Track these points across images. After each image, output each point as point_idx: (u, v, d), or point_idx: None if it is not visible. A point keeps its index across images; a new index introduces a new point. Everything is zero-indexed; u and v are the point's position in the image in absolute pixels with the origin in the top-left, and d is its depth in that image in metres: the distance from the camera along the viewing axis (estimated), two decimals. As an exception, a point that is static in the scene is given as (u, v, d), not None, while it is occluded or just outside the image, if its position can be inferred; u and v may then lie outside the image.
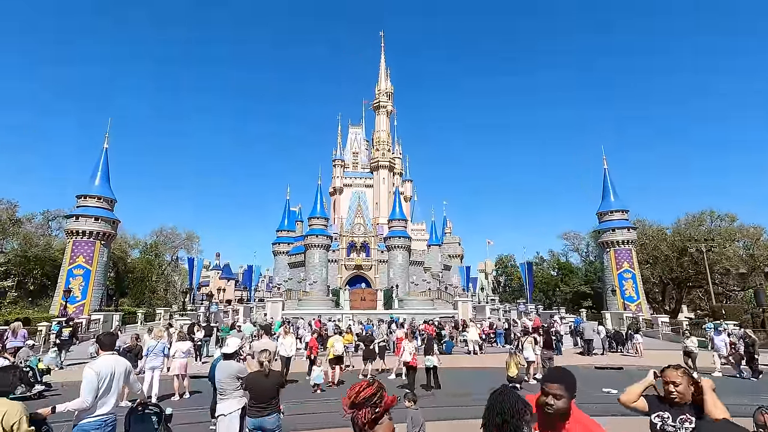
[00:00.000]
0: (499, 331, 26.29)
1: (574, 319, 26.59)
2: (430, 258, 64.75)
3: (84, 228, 34.34)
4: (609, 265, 43.32)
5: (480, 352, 21.51)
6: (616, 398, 3.73)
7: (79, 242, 34.20)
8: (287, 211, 70.62)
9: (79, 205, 35.64)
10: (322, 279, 55.23)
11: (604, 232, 44.38)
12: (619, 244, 42.77)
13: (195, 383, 12.56)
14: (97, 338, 5.27)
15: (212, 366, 8.57)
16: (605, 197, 45.36)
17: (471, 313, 38.71)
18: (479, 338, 21.99)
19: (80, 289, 32.82)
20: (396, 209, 59.44)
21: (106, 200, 36.44)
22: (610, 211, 44.49)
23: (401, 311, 38.84)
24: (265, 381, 5.45)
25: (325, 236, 57.44)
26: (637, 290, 40.99)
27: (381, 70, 77.19)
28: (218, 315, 34.35)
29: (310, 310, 38.95)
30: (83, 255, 33.84)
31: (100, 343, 4.95)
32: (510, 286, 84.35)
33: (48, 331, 20.94)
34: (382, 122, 73.95)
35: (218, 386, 5.88)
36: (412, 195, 77.95)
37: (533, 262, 63.94)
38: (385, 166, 71.34)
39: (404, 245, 57.08)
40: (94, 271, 34.07)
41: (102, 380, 4.46)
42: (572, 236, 72.54)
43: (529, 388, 13.01)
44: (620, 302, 38.97)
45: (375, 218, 66.39)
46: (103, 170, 36.57)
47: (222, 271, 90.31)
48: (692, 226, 46.95)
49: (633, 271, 41.68)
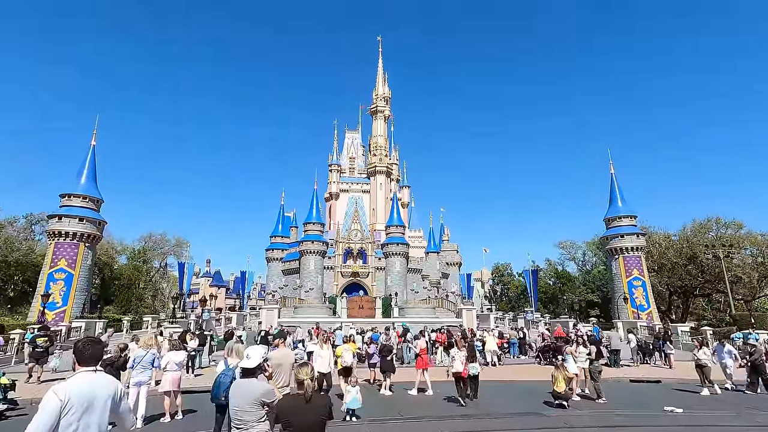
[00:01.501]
0: (513, 340, 24.63)
1: (592, 328, 25.07)
2: (428, 265, 63.14)
3: (67, 229, 32.10)
4: (618, 272, 41.92)
5: (498, 363, 19.84)
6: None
7: (62, 244, 31.95)
8: (281, 216, 68.60)
9: (63, 204, 33.42)
10: (317, 286, 53.27)
11: (612, 238, 43.05)
12: (627, 250, 41.47)
13: (187, 400, 10.75)
14: (74, 346, 3.27)
15: (217, 384, 6.79)
16: (612, 202, 44.14)
17: (475, 321, 37.10)
18: (497, 348, 20.28)
19: (61, 295, 30.53)
20: (394, 215, 57.93)
21: (92, 200, 34.26)
22: (618, 217, 43.25)
23: (402, 320, 37.05)
24: (306, 409, 3.75)
25: (321, 242, 55.58)
26: (648, 298, 39.64)
27: (379, 75, 76.51)
28: (210, 323, 32.24)
29: (306, 318, 37.08)
30: (66, 258, 31.60)
31: (77, 353, 3.11)
32: (507, 295, 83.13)
33: (21, 340, 18.82)
34: (379, 127, 72.83)
35: (233, 415, 4.16)
36: (410, 201, 76.65)
37: (531, 270, 62.78)
38: (382, 171, 70.01)
39: (402, 252, 55.49)
40: (77, 275, 31.81)
41: (69, 412, 2.75)
42: (569, 245, 71.68)
43: (575, 405, 11.40)
44: (630, 311, 37.58)
45: (372, 224, 64.71)
46: (89, 168, 34.44)
47: (212, 278, 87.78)
48: (699, 233, 45.91)
49: (643, 278, 40.35)
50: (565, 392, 10.72)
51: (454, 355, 11.50)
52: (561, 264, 72.48)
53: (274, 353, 7.54)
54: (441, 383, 15.50)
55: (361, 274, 57.02)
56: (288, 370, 6.96)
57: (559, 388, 10.65)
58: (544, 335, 21.68)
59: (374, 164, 69.90)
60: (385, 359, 13.33)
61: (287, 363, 7.12)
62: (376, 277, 56.48)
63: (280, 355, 7.47)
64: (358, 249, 57.80)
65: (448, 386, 14.63)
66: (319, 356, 11.33)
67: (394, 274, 54.75)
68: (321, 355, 11.31)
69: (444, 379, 16.08)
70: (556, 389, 10.69)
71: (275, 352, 7.68)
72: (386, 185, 70.61)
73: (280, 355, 7.38)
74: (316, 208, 58.96)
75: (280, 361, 7.08)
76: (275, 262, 63.57)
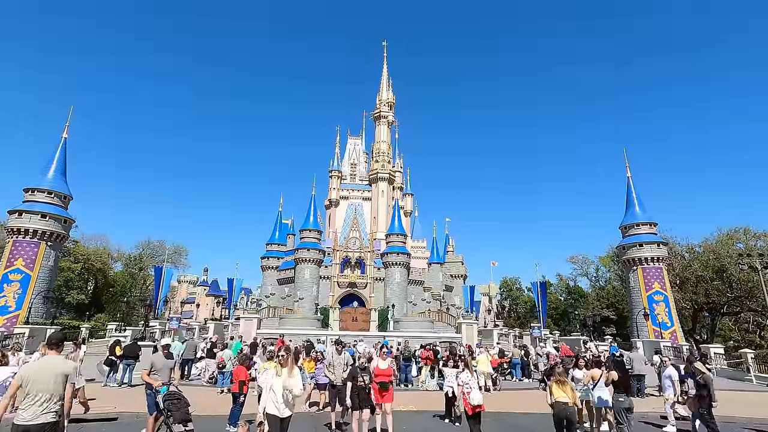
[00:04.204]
0: (515, 360, 20.97)
1: (609, 348, 21.31)
2: (431, 277, 59.59)
3: (27, 226, 29.39)
4: (636, 285, 37.70)
5: (494, 387, 16.25)
6: None
7: (21, 242, 29.24)
8: (279, 223, 65.89)
9: (25, 199, 30.80)
10: (312, 296, 50.06)
11: (629, 248, 38.90)
12: (647, 261, 37.30)
13: None
14: None
15: None
16: (629, 208, 40.02)
17: (477, 337, 33.39)
18: (491, 370, 16.69)
19: (15, 298, 27.70)
20: (395, 223, 54.77)
21: (59, 196, 31.60)
22: (635, 224, 39.12)
23: (395, 334, 33.46)
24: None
25: (317, 250, 52.53)
26: (671, 315, 35.33)
27: (383, 80, 74.63)
28: (180, 332, 29.11)
29: (291, 330, 33.88)
30: (24, 257, 28.85)
31: None
32: (515, 311, 79.06)
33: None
34: (382, 133, 70.25)
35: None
36: (413, 210, 73.58)
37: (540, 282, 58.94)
38: (384, 178, 67.12)
39: (403, 262, 52.12)
40: (35, 277, 28.98)
41: None
42: (581, 260, 67.59)
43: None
44: (651, 329, 33.42)
45: (372, 233, 61.54)
46: (59, 162, 31.86)
47: (209, 287, 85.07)
48: (727, 245, 41.45)
49: (665, 292, 36.08)
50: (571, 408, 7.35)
51: (469, 383, 8.23)
52: (573, 279, 68.28)
53: (26, 366, 4.58)
54: (417, 415, 12.08)
55: (359, 285, 53.81)
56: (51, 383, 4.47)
57: (558, 395, 7.33)
58: (550, 355, 18.09)
59: (376, 171, 67.15)
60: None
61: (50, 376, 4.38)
62: (375, 288, 53.22)
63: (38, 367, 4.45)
64: (356, 258, 54.75)
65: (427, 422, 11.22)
66: (273, 389, 6.24)
67: (394, 286, 51.40)
68: (276, 387, 6.22)
69: (424, 409, 12.65)
70: (556, 399, 7.40)
71: (29, 365, 4.68)
72: (388, 192, 67.68)
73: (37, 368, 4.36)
74: (314, 215, 56.25)
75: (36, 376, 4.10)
76: (271, 270, 60.76)
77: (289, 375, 6.32)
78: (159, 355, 9.24)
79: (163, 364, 8.84)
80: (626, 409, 8.22)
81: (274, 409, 6.16)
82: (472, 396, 8.15)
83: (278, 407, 6.17)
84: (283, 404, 6.20)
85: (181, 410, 7.34)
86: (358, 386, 8.20)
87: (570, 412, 7.51)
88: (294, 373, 6.42)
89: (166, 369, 8.77)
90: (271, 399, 6.22)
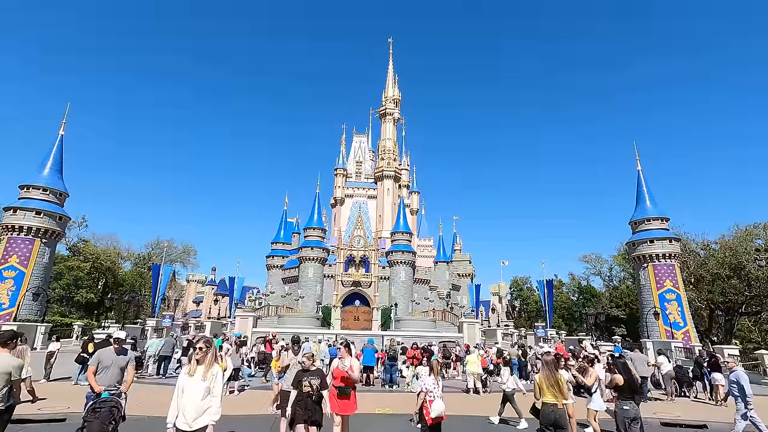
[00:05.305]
0: (514, 360, 19.84)
1: (613, 348, 20.07)
2: (437, 276, 58.50)
3: (22, 223, 29.32)
4: (647, 283, 36.04)
5: (483, 389, 15.23)
6: None
7: (15, 239, 29.17)
8: (284, 221, 65.54)
9: (21, 196, 30.75)
10: (315, 295, 49.46)
11: (639, 244, 37.25)
12: (659, 258, 35.64)
13: None
14: None
15: None
16: (639, 203, 38.31)
17: (479, 337, 32.29)
18: (481, 371, 15.65)
19: (9, 295, 27.58)
20: (400, 221, 53.87)
21: (54, 193, 31.50)
22: (646, 219, 37.45)
23: (396, 333, 32.53)
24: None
25: (321, 248, 51.97)
26: (684, 315, 33.64)
27: (389, 77, 73.78)
28: (173, 329, 28.62)
29: (291, 329, 33.19)
30: (18, 254, 28.75)
31: None
32: (526, 311, 77.49)
33: None
34: (388, 130, 69.30)
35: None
36: (419, 208, 72.49)
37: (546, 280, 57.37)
38: (390, 176, 66.15)
39: (408, 261, 51.19)
40: (29, 274, 28.85)
41: None
42: (593, 259, 65.64)
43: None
44: (662, 329, 31.82)
45: (377, 231, 60.67)
46: (55, 159, 31.76)
47: (217, 286, 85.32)
48: (745, 241, 39.38)
49: (677, 291, 34.40)
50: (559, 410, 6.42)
51: (432, 390, 7.23)
52: (585, 278, 66.38)
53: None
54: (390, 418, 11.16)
55: (363, 284, 52.95)
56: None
57: (545, 397, 6.40)
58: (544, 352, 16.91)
59: (381, 168, 66.24)
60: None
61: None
62: (379, 287, 52.30)
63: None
64: (361, 257, 53.93)
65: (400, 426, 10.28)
66: (183, 392, 4.85)
67: (399, 284, 50.49)
68: (187, 390, 4.82)
69: (402, 412, 11.62)
70: (544, 400, 6.48)
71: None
72: (394, 190, 66.68)
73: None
74: (318, 213, 55.80)
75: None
76: (276, 269, 60.44)
77: (204, 375, 4.87)
78: (109, 350, 7.99)
79: (111, 360, 7.42)
80: (631, 419, 7.10)
81: (182, 422, 4.68)
82: (434, 406, 7.12)
83: (186, 416, 4.68)
84: (193, 412, 4.69)
85: (102, 421, 6.07)
86: (304, 394, 6.82)
87: (559, 415, 6.54)
88: (211, 374, 4.92)
89: (116, 367, 7.38)
90: (180, 407, 4.75)
